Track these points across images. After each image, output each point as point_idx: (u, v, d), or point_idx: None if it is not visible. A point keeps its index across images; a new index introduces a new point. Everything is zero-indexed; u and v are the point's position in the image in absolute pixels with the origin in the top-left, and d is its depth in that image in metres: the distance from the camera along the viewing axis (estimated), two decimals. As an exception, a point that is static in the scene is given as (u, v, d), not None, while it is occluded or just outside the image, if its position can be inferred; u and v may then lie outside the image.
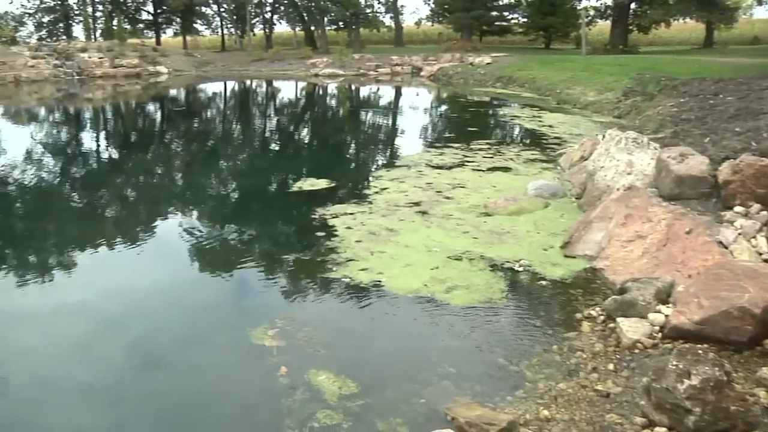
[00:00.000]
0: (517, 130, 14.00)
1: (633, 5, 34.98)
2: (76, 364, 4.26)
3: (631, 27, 36.47)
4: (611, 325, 4.35)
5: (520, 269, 5.58)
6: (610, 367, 3.86)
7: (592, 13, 39.29)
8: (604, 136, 8.11)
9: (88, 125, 18.80)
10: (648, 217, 5.60)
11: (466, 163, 10.01)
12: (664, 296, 4.38)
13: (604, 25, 40.32)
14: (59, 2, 49.65)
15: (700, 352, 3.15)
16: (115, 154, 13.64)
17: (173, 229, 7.38)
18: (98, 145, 14.65)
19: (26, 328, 4.81)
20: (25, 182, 10.09)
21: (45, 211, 8.44)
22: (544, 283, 5.31)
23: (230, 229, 7.29)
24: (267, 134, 16.31)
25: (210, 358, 4.31)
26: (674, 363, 3.10)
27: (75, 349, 4.48)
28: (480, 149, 11.22)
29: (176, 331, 4.75)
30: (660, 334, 4.06)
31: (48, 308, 5.16)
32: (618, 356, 3.97)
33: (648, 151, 6.83)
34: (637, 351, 3.97)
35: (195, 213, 8.16)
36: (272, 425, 3.50)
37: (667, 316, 4.15)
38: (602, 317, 4.51)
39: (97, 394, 3.89)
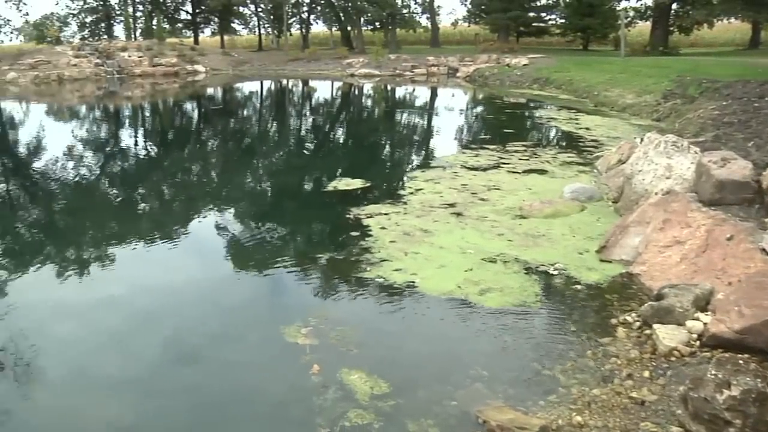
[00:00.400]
0: (553, 133, 13.86)
1: (674, 6, 34.22)
2: (112, 357, 4.35)
3: (672, 28, 35.71)
4: (647, 331, 4.28)
5: (555, 273, 5.52)
6: (646, 374, 3.79)
7: (631, 14, 38.59)
8: (642, 140, 7.98)
9: (127, 123, 19.19)
10: (687, 223, 5.49)
11: (502, 165, 9.95)
12: (703, 303, 4.30)
13: (644, 27, 39.62)
14: (101, 2, 50.78)
15: (740, 362, 3.09)
16: (152, 152, 13.90)
17: (209, 226, 7.49)
18: (136, 143, 14.94)
19: (66, 319, 4.93)
20: (66, 178, 10.35)
21: (84, 206, 8.65)
22: (579, 287, 5.24)
23: (265, 227, 7.37)
24: (302, 133, 16.43)
25: (243, 354, 4.35)
26: (713, 372, 3.04)
27: (111, 341, 4.58)
28: (516, 151, 11.14)
29: (210, 327, 4.81)
30: (698, 342, 3.98)
31: (87, 301, 5.29)
32: (654, 363, 3.90)
33: (688, 155, 6.70)
34: (673, 359, 3.90)
35: (230, 211, 8.26)
36: (304, 423, 3.52)
37: (705, 324, 4.06)
38: (638, 323, 4.44)
39: (132, 386, 3.97)
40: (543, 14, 45.42)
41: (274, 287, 5.61)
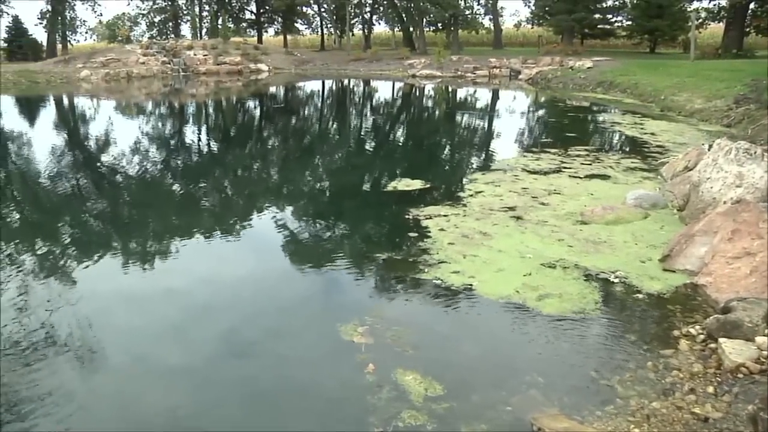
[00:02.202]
0: (617, 137, 13.54)
1: (752, 5, 32.63)
2: (171, 346, 4.49)
3: (748, 29, 34.10)
4: (712, 345, 4.14)
5: (616, 280, 5.40)
6: (710, 389, 3.67)
7: (703, 15, 37.20)
8: (711, 146, 7.72)
9: (191, 119, 19.71)
10: (758, 234, 5.29)
11: (564, 170, 9.80)
12: (775, 319, 4.13)
13: (717, 28, 38.24)
14: (169, 3, 52.39)
15: (814, 382, 2.95)
16: (215, 148, 14.24)
17: (269, 222, 7.62)
18: (199, 139, 15.33)
19: (129, 308, 5.11)
20: (132, 172, 10.73)
21: (147, 200, 8.95)
22: (640, 296, 5.11)
23: (324, 225, 7.47)
24: (363, 133, 16.54)
25: (299, 350, 4.42)
26: (784, 391, 2.92)
27: (170, 331, 4.73)
28: (578, 155, 10.94)
29: (267, 321, 4.91)
30: (768, 360, 3.83)
31: (148, 291, 5.48)
32: (719, 379, 3.77)
33: (761, 163, 6.45)
34: (741, 376, 3.74)
35: (290, 208, 8.39)
36: (357, 421, 3.55)
37: (777, 340, 3.90)
38: (702, 336, 4.30)
39: (189, 376, 4.09)
40: (609, 16, 44.50)
41: (331, 285, 5.67)
